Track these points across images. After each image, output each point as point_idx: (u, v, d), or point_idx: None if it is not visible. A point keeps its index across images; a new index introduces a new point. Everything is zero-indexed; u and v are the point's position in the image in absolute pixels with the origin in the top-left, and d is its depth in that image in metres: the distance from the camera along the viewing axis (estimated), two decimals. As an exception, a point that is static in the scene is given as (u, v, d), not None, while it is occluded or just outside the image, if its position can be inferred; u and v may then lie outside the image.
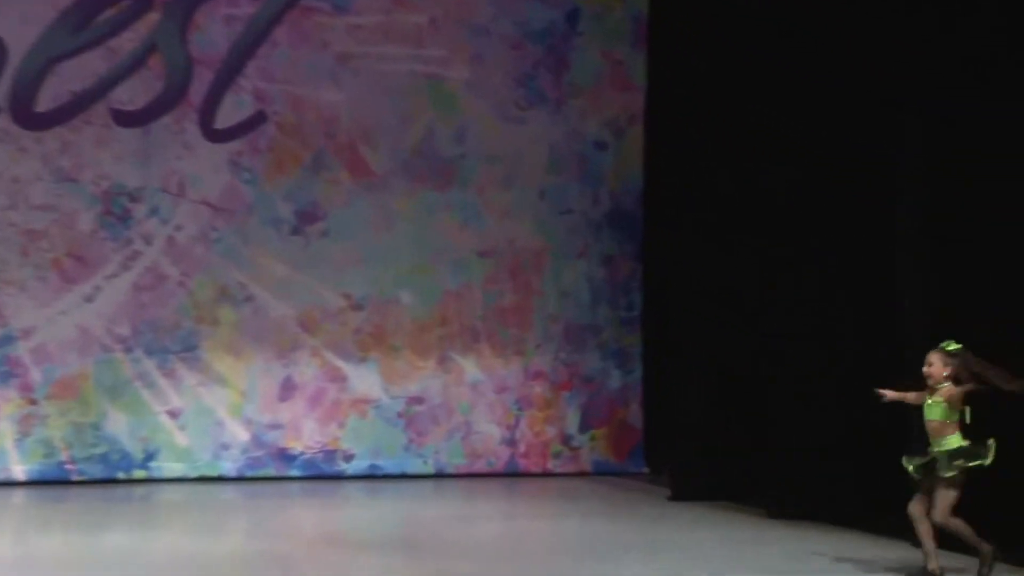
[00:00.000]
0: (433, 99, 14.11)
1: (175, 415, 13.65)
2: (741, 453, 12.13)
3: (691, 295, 12.72)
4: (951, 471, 8.28)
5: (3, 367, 13.31)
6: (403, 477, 13.93)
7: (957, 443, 8.33)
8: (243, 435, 13.78)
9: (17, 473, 13.30)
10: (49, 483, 13.09)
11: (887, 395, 8.61)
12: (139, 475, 13.48)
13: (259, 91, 13.78)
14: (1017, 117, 9.67)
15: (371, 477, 13.84)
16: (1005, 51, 9.84)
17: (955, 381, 8.34)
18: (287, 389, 13.91)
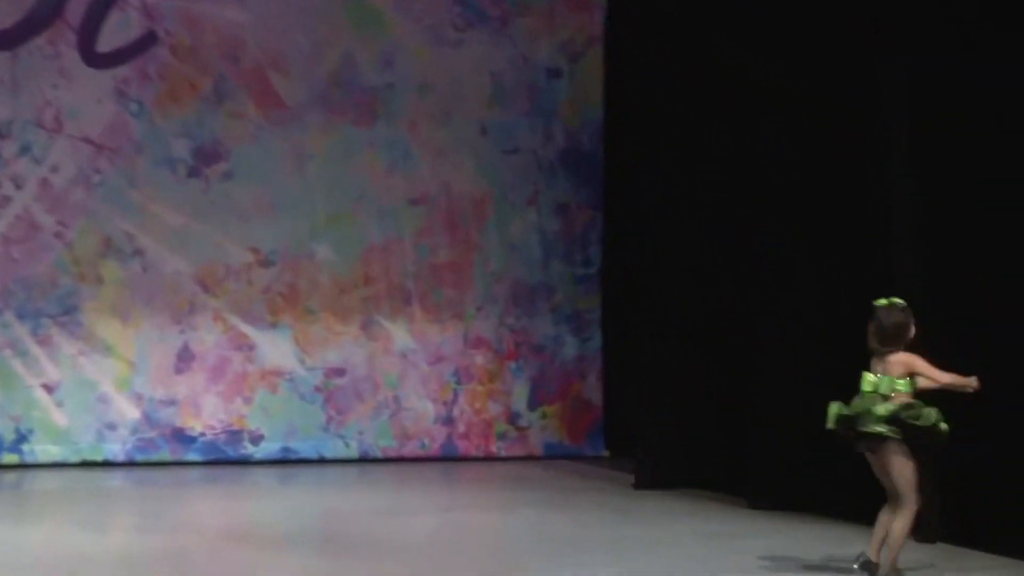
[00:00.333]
0: (354, 19, 13.96)
1: (52, 389, 13.40)
2: (717, 435, 12.16)
3: (659, 249, 12.61)
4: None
5: None
6: (321, 462, 13.83)
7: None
8: (132, 413, 13.53)
9: None
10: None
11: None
12: (9, 459, 13.26)
13: (148, 8, 13.55)
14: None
15: (283, 462, 13.73)
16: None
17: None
18: (184, 359, 13.68)
